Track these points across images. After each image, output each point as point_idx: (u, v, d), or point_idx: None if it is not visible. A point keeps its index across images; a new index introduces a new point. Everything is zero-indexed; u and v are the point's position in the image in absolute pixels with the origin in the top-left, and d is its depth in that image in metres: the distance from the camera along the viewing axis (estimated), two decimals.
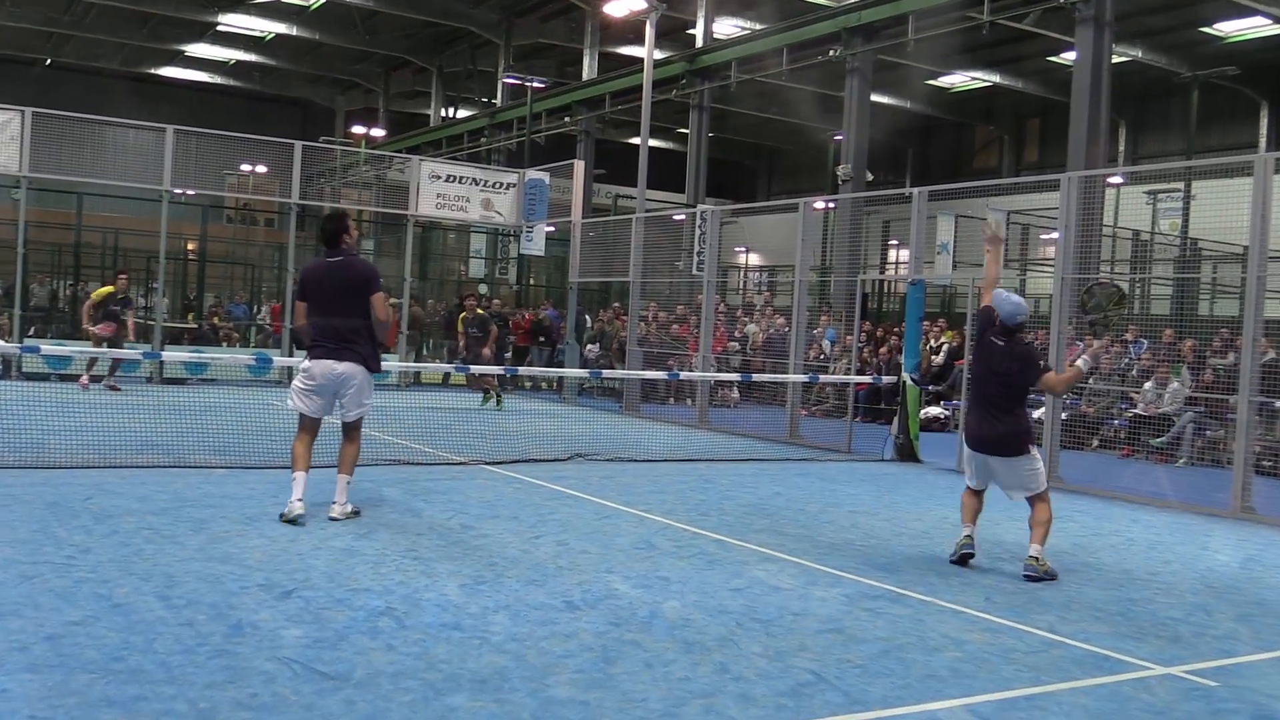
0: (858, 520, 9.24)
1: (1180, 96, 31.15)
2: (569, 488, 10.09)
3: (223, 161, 21.65)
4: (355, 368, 7.88)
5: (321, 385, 7.90)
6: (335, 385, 7.90)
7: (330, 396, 7.97)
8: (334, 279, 7.91)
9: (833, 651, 5.34)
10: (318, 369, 7.88)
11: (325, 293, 7.92)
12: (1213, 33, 29.01)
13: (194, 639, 4.96)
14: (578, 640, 5.28)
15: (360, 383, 7.93)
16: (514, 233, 24.07)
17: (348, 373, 7.86)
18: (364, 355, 7.91)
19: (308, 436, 8.02)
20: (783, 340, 18.22)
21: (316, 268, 8.12)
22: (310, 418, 8.02)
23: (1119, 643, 5.79)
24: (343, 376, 7.87)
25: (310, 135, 39.52)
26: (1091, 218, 13.42)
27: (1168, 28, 29.23)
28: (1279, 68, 31.26)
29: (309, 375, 7.90)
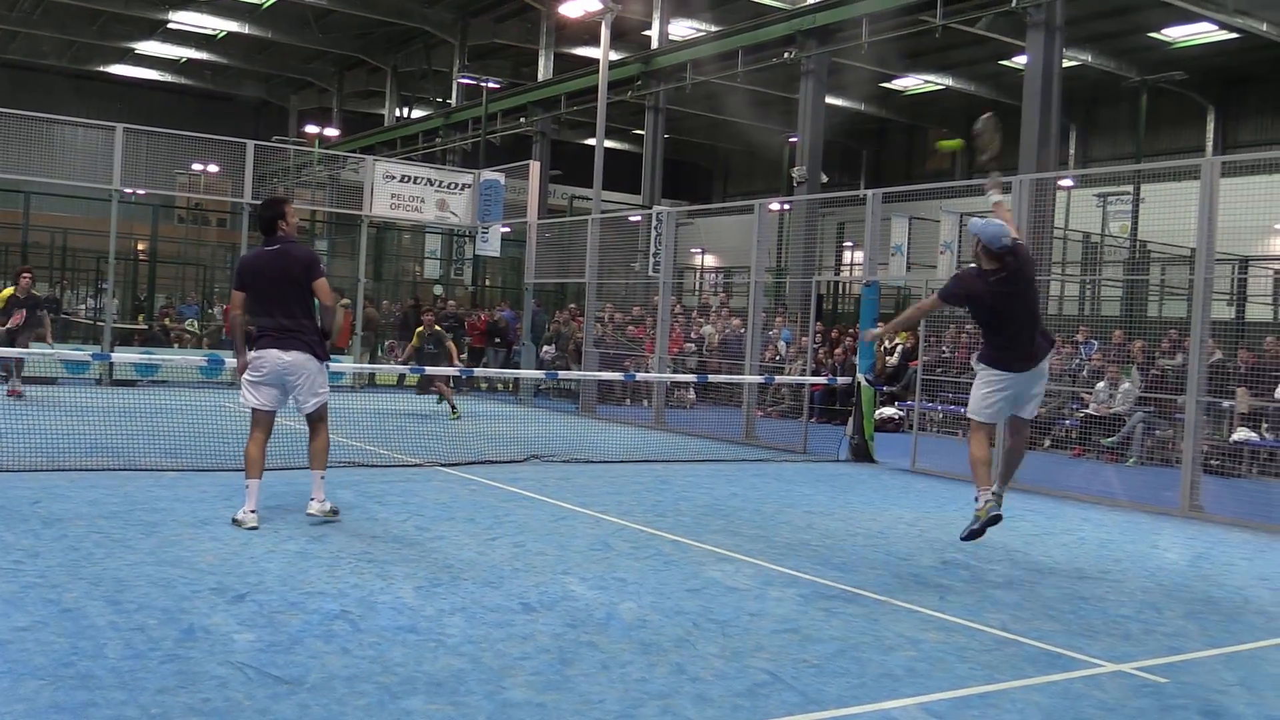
0: (813, 520, 9.28)
1: (1129, 101, 31.61)
2: (525, 489, 10.07)
3: (174, 161, 21.45)
4: (303, 356, 7.65)
5: (270, 375, 7.69)
6: (283, 375, 7.69)
7: (280, 387, 7.75)
8: (273, 268, 7.66)
9: (789, 651, 5.36)
10: (266, 358, 7.66)
11: (266, 283, 7.67)
12: (1161, 38, 29.43)
13: (145, 644, 4.90)
14: (534, 642, 5.26)
15: (310, 371, 7.72)
16: (469, 233, 23.99)
17: (295, 362, 7.65)
18: (310, 343, 7.70)
19: (261, 436, 7.80)
20: (738, 341, 18.29)
21: (255, 257, 7.87)
22: (263, 411, 7.79)
23: (1071, 640, 5.85)
24: (290, 365, 7.66)
25: (263, 135, 39.19)
26: (1043, 219, 13.58)
27: (1117, 33, 29.63)
28: (1225, 72, 31.79)
29: (257, 365, 7.68)
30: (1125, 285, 21.53)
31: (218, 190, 29.42)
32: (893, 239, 20.64)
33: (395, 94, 46.97)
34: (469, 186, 22.30)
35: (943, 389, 17.27)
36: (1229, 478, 13.18)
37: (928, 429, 17.97)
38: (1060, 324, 19.30)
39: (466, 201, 22.20)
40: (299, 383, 7.73)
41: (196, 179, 31.54)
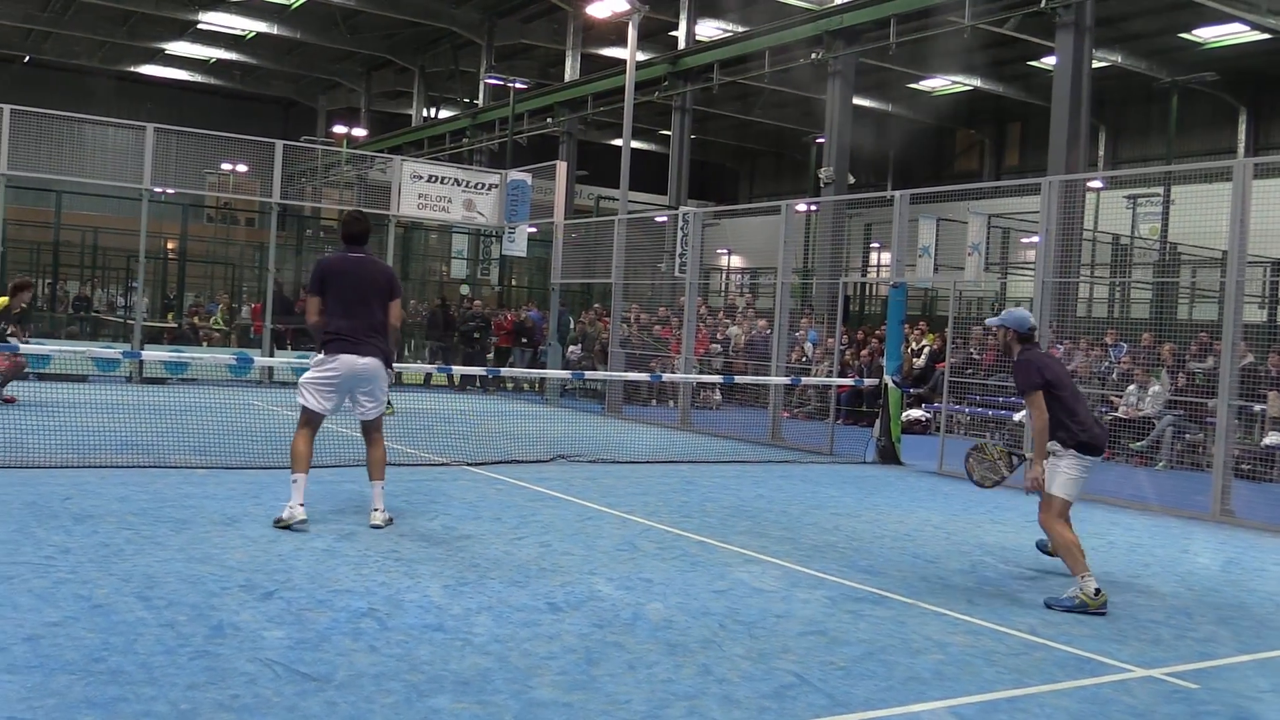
0: (840, 522, 9.25)
1: (1160, 102, 31.38)
2: (552, 489, 10.08)
3: (203, 160, 21.58)
4: (377, 363, 7.69)
5: (342, 379, 7.67)
6: (354, 381, 7.70)
7: (346, 394, 7.77)
8: (357, 275, 7.72)
9: (816, 654, 5.34)
10: (341, 362, 7.63)
11: (349, 286, 7.69)
12: (1192, 39, 29.21)
13: (175, 640, 4.93)
14: (561, 642, 5.27)
15: (381, 378, 7.76)
16: (496, 234, 24.04)
17: (370, 368, 7.67)
18: (384, 352, 7.73)
19: (310, 432, 7.78)
20: (765, 342, 18.25)
21: (338, 261, 7.86)
22: (317, 414, 7.78)
23: (1100, 645, 5.81)
24: (364, 372, 7.66)
25: (292, 135, 39.45)
26: (1072, 222, 13.49)
27: (1148, 33, 29.44)
28: (1257, 74, 31.51)
29: (330, 368, 7.65)
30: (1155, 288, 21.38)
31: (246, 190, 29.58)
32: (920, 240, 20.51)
33: (423, 94, 47.14)
34: (496, 187, 22.35)
35: (970, 391, 17.18)
36: (1261, 482, 13.05)
37: (955, 431, 17.87)
38: (1089, 326, 19.17)
39: (493, 202, 22.26)
40: (369, 388, 7.75)
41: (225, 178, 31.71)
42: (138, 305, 20.32)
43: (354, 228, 7.99)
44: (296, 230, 28.53)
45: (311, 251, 29.67)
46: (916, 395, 19.10)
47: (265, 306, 20.16)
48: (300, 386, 7.82)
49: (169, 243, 26.70)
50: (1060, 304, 13.53)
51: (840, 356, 17.38)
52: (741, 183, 52.10)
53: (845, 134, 28.08)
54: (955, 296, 15.75)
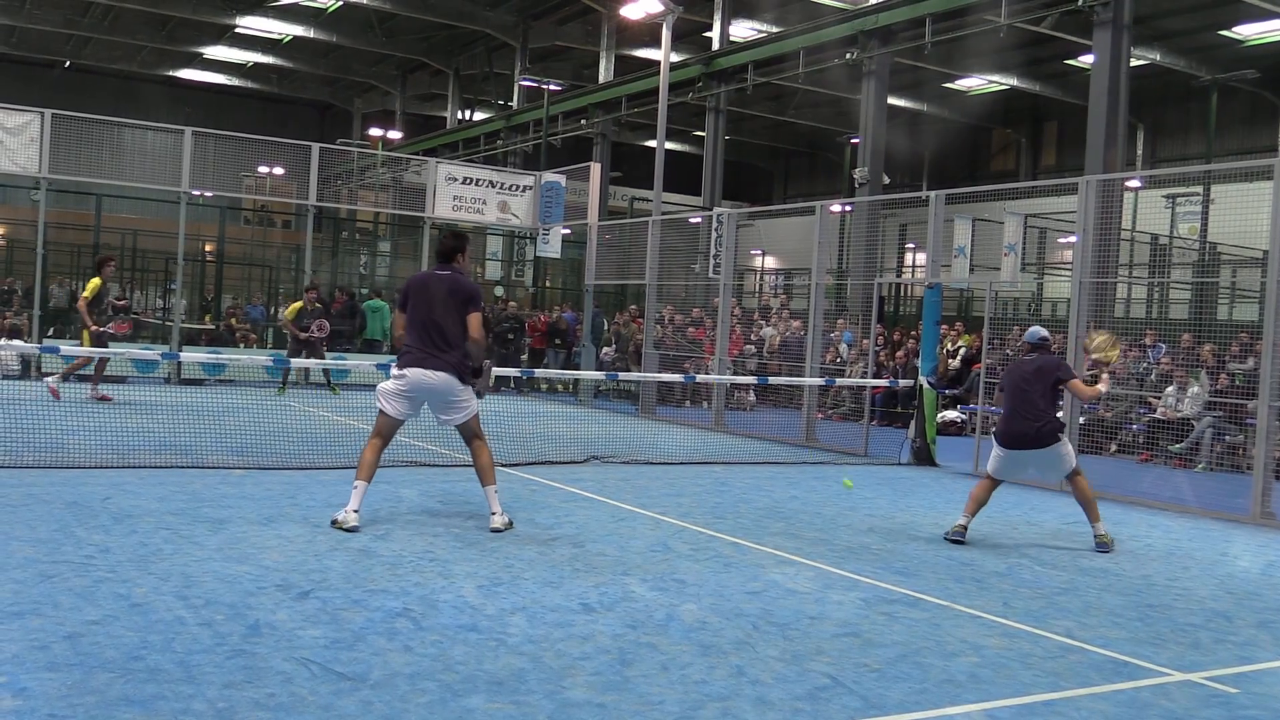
0: (875, 524, 9.22)
1: (1199, 100, 31.05)
2: (585, 490, 10.10)
3: (240, 163, 21.79)
4: (445, 377, 7.78)
5: (411, 391, 7.86)
6: (425, 393, 7.86)
7: (418, 404, 7.96)
8: (436, 289, 7.88)
9: (850, 655, 5.32)
10: (411, 376, 7.82)
11: (425, 301, 7.87)
12: (1232, 35, 28.88)
13: (212, 639, 4.98)
14: (594, 642, 5.28)
15: (450, 391, 7.82)
16: (530, 235, 24.11)
17: (439, 382, 7.79)
18: (455, 365, 7.81)
19: (380, 442, 7.93)
20: (799, 343, 18.20)
21: (422, 277, 8.13)
22: (391, 419, 7.93)
23: (1138, 648, 5.76)
24: (434, 385, 7.80)
25: (328, 137, 39.74)
26: (1109, 221, 13.36)
27: (1187, 30, 29.12)
28: None
29: (400, 380, 7.86)
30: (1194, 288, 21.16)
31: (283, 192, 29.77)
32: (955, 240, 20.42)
33: (457, 96, 47.33)
34: (530, 188, 22.42)
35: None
36: None
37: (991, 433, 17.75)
38: (1127, 327, 18.99)
39: (527, 203, 22.32)
40: (442, 401, 7.89)
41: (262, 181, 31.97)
42: (176, 307, 20.50)
43: (442, 245, 8.22)
44: (333, 232, 28.71)
45: (348, 254, 29.91)
46: (952, 396, 18.99)
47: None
48: (377, 393, 8.02)
49: (207, 245, 26.94)
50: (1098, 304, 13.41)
51: (875, 357, 17.31)
52: (775, 183, 51.97)
53: (880, 134, 27.95)
54: (991, 297, 15.65)
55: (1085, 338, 9.82)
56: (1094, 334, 9.54)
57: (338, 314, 22.80)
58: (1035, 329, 9.14)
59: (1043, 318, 24.03)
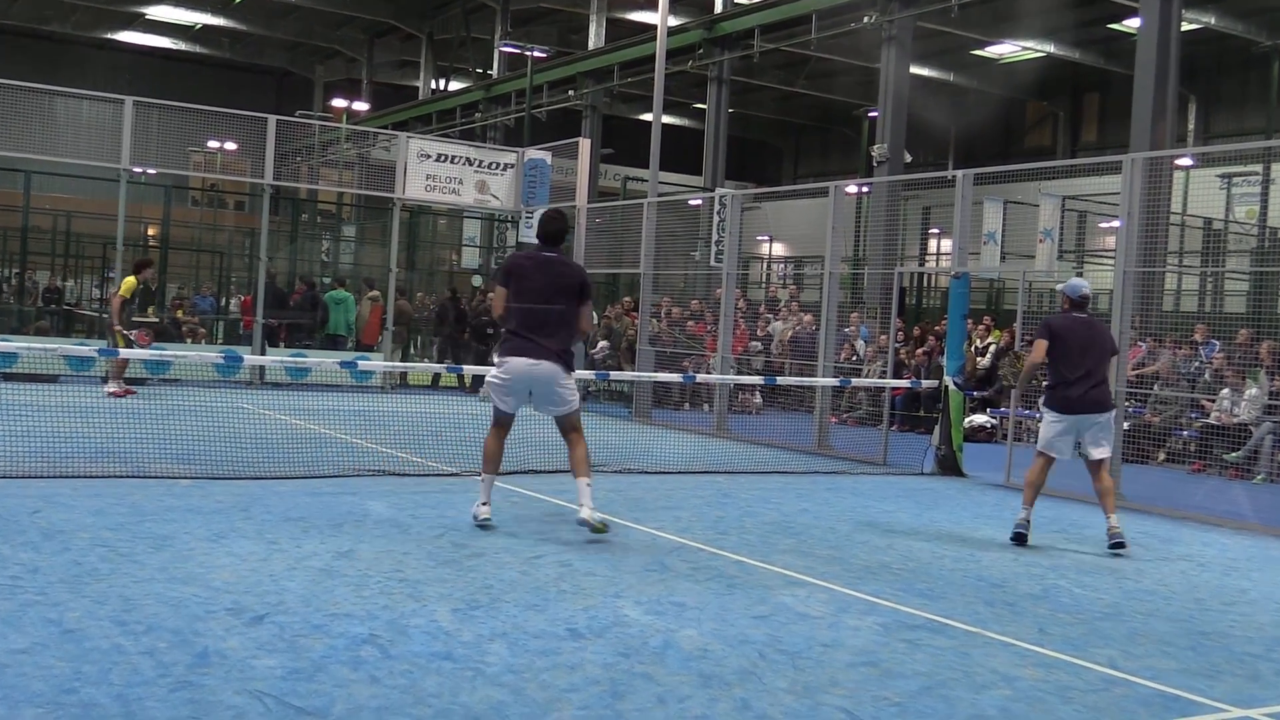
0: (895, 541, 9.22)
1: (1258, 68, 31.11)
2: (573, 502, 10.05)
3: (188, 137, 21.72)
4: (551, 367, 8.27)
5: (515, 382, 8.35)
6: (529, 384, 8.34)
7: (524, 395, 8.44)
8: (546, 274, 8.34)
9: (867, 688, 5.32)
10: (513, 365, 8.30)
11: (534, 286, 8.31)
12: None
13: (154, 669, 4.96)
14: (583, 672, 5.27)
15: (556, 382, 8.32)
16: (512, 218, 24.09)
17: (544, 372, 8.27)
18: (560, 354, 8.30)
19: (502, 432, 8.55)
20: (810, 339, 18.20)
21: (529, 258, 8.57)
22: (505, 413, 8.53)
23: (1189, 681, 5.76)
24: (537, 375, 8.28)
25: (286, 109, 39.69)
26: (1157, 204, 13.38)
27: None
28: None
29: (505, 370, 8.35)
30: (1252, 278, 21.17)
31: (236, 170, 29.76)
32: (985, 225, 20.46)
33: (431, 64, 47.30)
34: (512, 166, 22.40)
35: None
36: None
37: (1024, 439, 17.77)
38: (1177, 321, 19.01)
39: (509, 183, 22.31)
40: (546, 392, 8.39)
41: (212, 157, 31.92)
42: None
43: (549, 226, 8.61)
44: (291, 215, 28.68)
45: (308, 238, 29.88)
46: (981, 399, 19.00)
47: (256, 299, 20.26)
48: (486, 385, 8.61)
49: (150, 228, 26.92)
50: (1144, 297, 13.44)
51: (895, 355, 17.32)
52: (785, 162, 52.01)
53: (901, 107, 27.97)
54: (1024, 288, 15.68)
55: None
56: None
57: (297, 306, 22.80)
58: (1078, 282, 9.43)
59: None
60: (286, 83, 54.50)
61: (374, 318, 22.48)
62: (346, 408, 16.90)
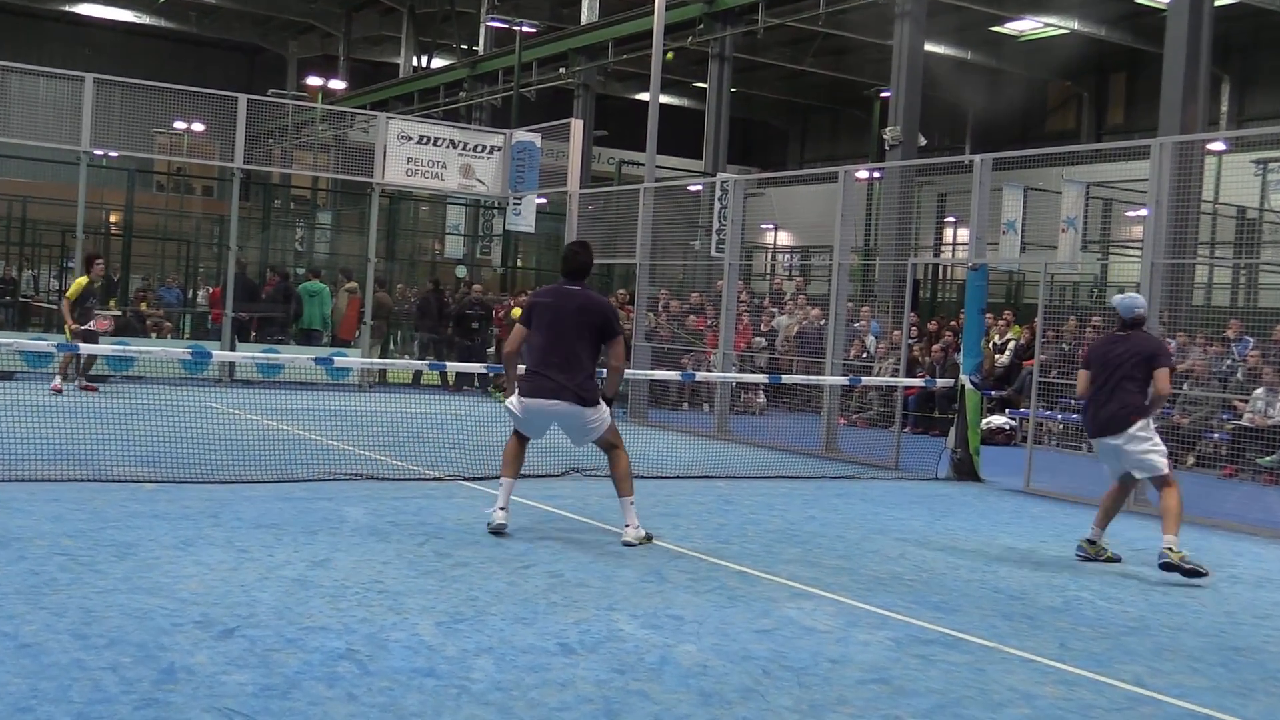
0: (907, 550, 9.24)
1: None
2: (564, 509, 10.09)
3: (153, 118, 21.64)
4: (570, 407, 8.51)
5: (534, 418, 8.68)
6: (547, 422, 8.72)
7: (544, 428, 8.85)
8: (568, 308, 8.55)
9: (877, 706, 5.33)
10: (530, 405, 8.59)
11: (557, 323, 8.54)
12: None
13: (117, 686, 4.96)
14: (574, 690, 5.28)
15: (580, 421, 8.60)
16: (498, 205, 24.10)
17: (561, 412, 8.56)
18: (578, 390, 8.48)
19: (522, 441, 8.86)
20: (818, 335, 18.22)
21: (551, 293, 8.84)
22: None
23: (1220, 699, 5.78)
24: (555, 414, 8.59)
25: (257, 87, 39.61)
26: (1188, 191, 13.40)
27: None
28: None
29: (522, 410, 8.65)
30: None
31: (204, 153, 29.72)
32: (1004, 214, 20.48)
33: (412, 40, 47.27)
34: (498, 149, 22.40)
35: (1063, 394, 17.10)
36: None
37: (1045, 442, 17.81)
38: (1209, 316, 19.05)
39: (495, 167, 22.30)
40: (567, 426, 8.73)
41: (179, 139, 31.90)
42: None
43: (571, 263, 8.88)
44: (263, 200, 28.66)
45: (280, 225, 29.85)
46: (999, 399, 19.03)
47: (226, 291, 20.25)
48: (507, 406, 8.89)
49: (112, 215, 26.88)
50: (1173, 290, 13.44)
51: (908, 352, 17.34)
52: (791, 145, 52.02)
53: (915, 87, 27.97)
54: (1046, 281, 15.69)
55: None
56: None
57: (269, 298, 22.78)
58: (1129, 301, 9.31)
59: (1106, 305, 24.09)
60: (258, 60, 54.46)
61: (351, 311, 22.46)
62: (322, 407, 16.89)
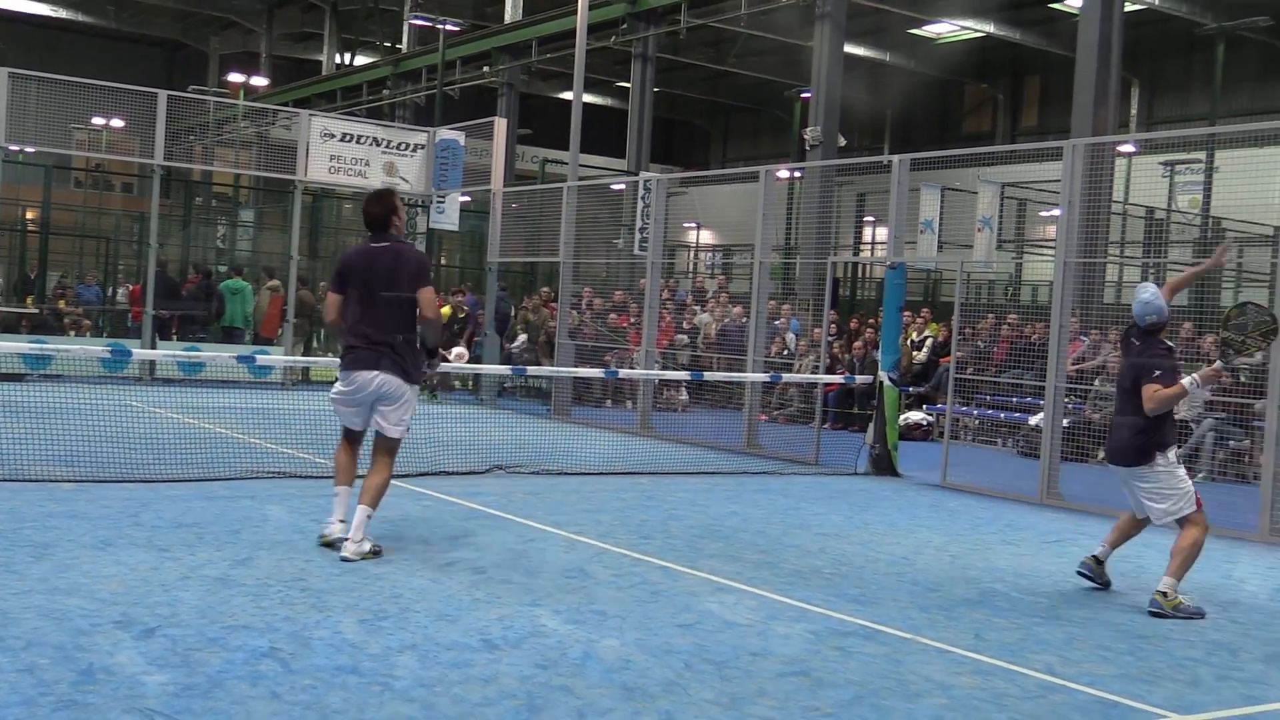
0: (827, 544, 9.30)
1: (1204, 52, 31.74)
2: (487, 505, 10.07)
3: (71, 113, 21.28)
4: (393, 380, 7.82)
5: (356, 395, 7.93)
6: (371, 397, 7.89)
7: (367, 409, 7.96)
8: (383, 269, 7.82)
9: (797, 698, 5.38)
10: (355, 380, 7.86)
11: (370, 285, 7.83)
12: None
13: (35, 687, 4.89)
14: (498, 685, 5.27)
15: (400, 398, 7.89)
16: (422, 203, 23.94)
17: (384, 386, 7.83)
18: (404, 365, 7.85)
19: (350, 443, 8.20)
20: (739, 332, 18.30)
21: (359, 254, 8.07)
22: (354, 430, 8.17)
23: (1129, 686, 5.89)
24: (379, 389, 7.83)
25: (178, 83, 39.07)
26: (1099, 192, 13.61)
27: None
28: None
29: (348, 383, 7.92)
30: None
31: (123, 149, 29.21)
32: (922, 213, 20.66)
33: (335, 36, 46.86)
34: (422, 147, 22.27)
35: (979, 390, 17.31)
36: None
37: (961, 437, 18.02)
38: (1118, 313, 19.35)
39: (419, 165, 22.17)
40: (386, 407, 7.91)
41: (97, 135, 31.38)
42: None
43: (372, 208, 8.10)
44: (184, 198, 28.29)
45: (202, 222, 29.48)
46: (917, 395, 19.23)
47: (146, 289, 19.96)
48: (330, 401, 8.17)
49: (28, 211, 26.38)
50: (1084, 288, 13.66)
51: (828, 349, 17.46)
52: (713, 145, 52.21)
53: (835, 88, 28.16)
54: (963, 279, 15.85)
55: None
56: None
57: (190, 296, 22.50)
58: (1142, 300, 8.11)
59: (1021, 303, 24.43)
60: (179, 56, 53.73)
61: (274, 309, 22.22)
62: (244, 405, 16.71)
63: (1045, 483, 12.48)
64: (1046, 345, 13.12)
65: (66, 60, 34.48)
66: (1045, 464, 12.56)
